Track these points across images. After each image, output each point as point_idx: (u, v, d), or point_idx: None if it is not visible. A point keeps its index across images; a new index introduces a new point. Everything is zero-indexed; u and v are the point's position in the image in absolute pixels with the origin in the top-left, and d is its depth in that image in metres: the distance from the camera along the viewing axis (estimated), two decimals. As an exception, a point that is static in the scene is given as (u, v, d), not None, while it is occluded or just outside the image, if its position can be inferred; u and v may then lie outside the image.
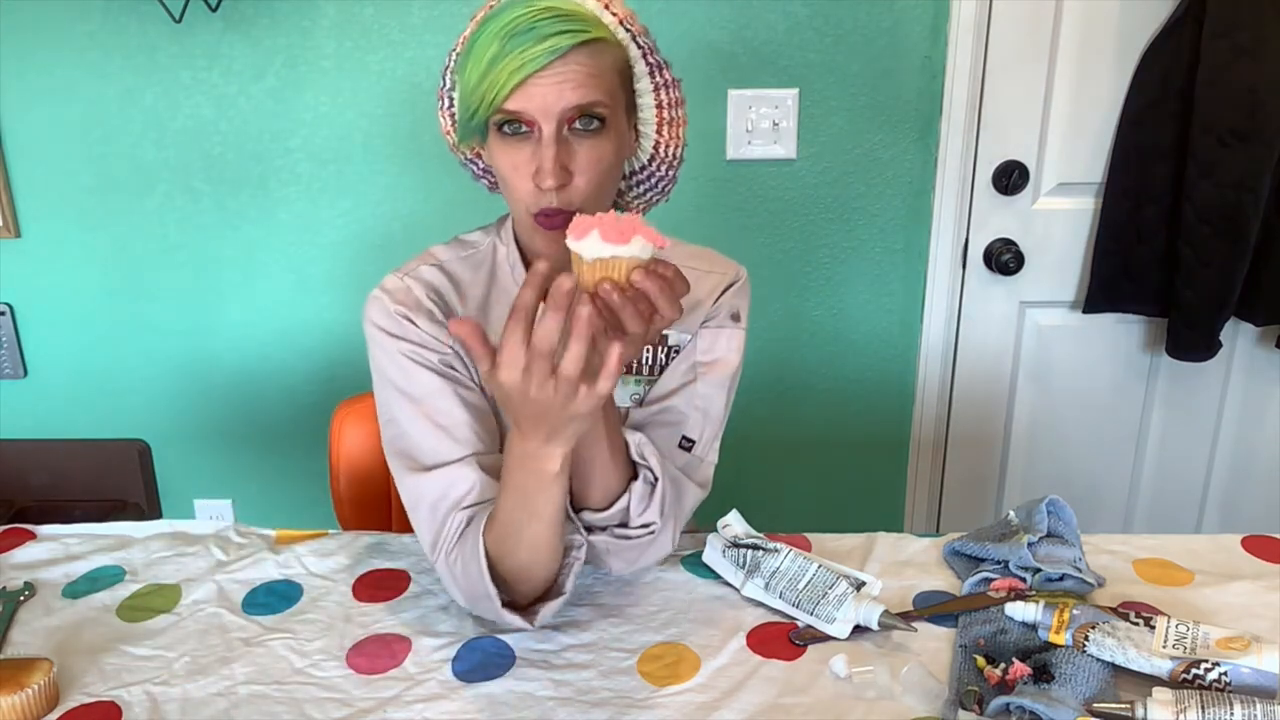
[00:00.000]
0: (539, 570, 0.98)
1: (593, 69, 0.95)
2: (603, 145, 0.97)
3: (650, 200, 1.14)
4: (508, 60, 0.92)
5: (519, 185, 0.98)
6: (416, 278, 1.09)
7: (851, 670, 0.96)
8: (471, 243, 1.14)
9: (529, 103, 0.93)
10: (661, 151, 1.07)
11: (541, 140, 0.95)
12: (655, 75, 1.01)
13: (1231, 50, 1.67)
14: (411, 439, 1.04)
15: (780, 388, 2.04)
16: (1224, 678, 0.89)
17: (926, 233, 1.93)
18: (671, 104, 1.03)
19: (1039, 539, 1.11)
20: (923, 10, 1.80)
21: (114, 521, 1.27)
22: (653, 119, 1.04)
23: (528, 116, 0.94)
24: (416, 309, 1.06)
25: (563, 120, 0.95)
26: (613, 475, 1.01)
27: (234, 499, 2.18)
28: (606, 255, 0.80)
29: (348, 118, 1.89)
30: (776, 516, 1.30)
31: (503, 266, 1.12)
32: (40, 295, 2.03)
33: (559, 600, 1.00)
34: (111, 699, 0.96)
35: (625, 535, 1.05)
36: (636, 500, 1.03)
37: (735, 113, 1.85)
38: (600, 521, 1.04)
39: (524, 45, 0.91)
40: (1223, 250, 1.76)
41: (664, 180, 1.10)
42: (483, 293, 1.11)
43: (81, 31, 1.84)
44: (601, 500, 1.03)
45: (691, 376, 1.11)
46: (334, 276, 1.99)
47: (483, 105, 0.95)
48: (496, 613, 0.98)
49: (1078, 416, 2.04)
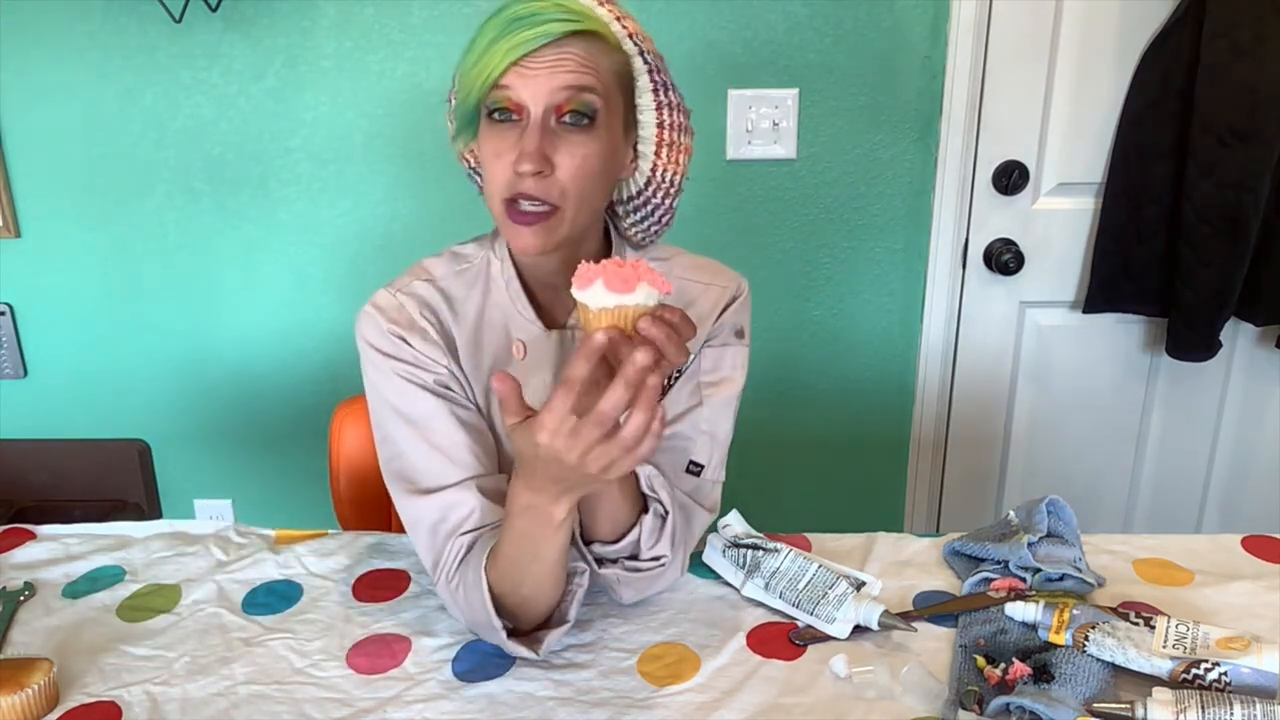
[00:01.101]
0: (542, 603, 0.98)
1: (588, 61, 0.94)
2: (590, 143, 0.95)
3: (650, 231, 1.10)
4: (504, 41, 0.92)
5: (498, 172, 0.95)
6: (410, 294, 1.06)
7: (851, 670, 0.96)
8: (465, 256, 1.11)
9: (520, 81, 0.92)
10: (658, 176, 1.03)
11: (528, 126, 0.93)
12: (660, 94, 0.99)
13: (1231, 50, 1.67)
14: (409, 460, 1.03)
15: (780, 388, 2.04)
16: (1224, 678, 0.89)
17: (926, 233, 1.93)
18: (675, 127, 1.01)
19: (1039, 539, 1.11)
20: (923, 10, 1.80)
21: (114, 521, 1.27)
22: (652, 138, 1.01)
23: (517, 99, 0.93)
24: (410, 328, 1.04)
25: (552, 108, 0.93)
26: (622, 509, 1.00)
27: (234, 499, 2.18)
28: (612, 305, 0.80)
29: (348, 118, 1.89)
30: (776, 516, 1.30)
31: (497, 281, 1.08)
32: (40, 295, 2.03)
33: (563, 628, 0.99)
34: (111, 699, 0.96)
35: (636, 568, 1.04)
36: (647, 533, 1.02)
37: (735, 113, 1.85)
38: (611, 554, 1.03)
39: (521, 29, 0.91)
40: (1223, 250, 1.76)
41: (661, 210, 1.06)
42: (477, 310, 1.08)
43: (81, 31, 1.84)
44: (611, 533, 1.02)
45: (697, 399, 1.09)
46: (334, 276, 1.99)
47: (476, 86, 0.94)
48: (501, 642, 0.97)
49: (1078, 416, 2.05)
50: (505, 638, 0.96)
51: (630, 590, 1.06)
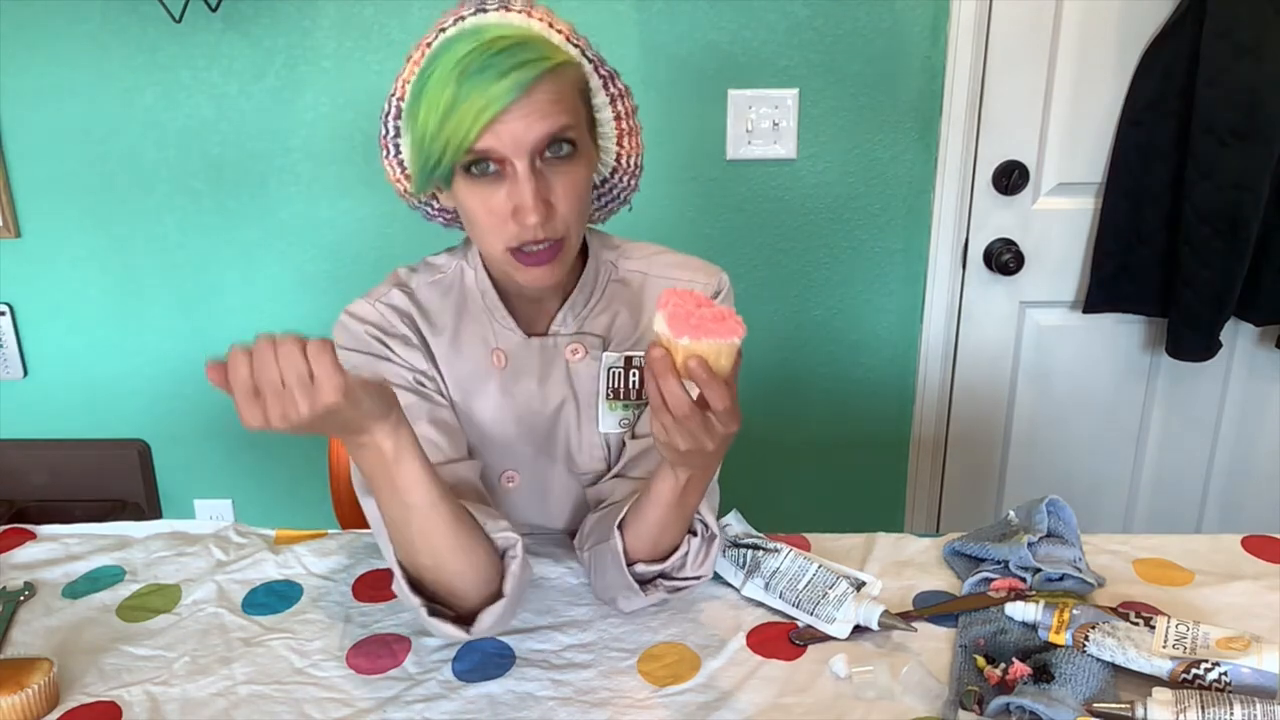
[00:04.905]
0: (454, 578, 0.95)
1: (556, 95, 0.92)
2: (576, 170, 0.96)
3: (609, 209, 1.12)
4: (469, 102, 0.89)
5: (494, 226, 0.95)
6: (387, 303, 1.09)
7: (851, 670, 0.96)
8: (439, 266, 1.12)
9: (498, 140, 0.91)
10: (624, 162, 1.05)
11: (517, 177, 0.92)
12: (609, 86, 1.00)
13: (1232, 50, 1.67)
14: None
15: (780, 388, 2.04)
16: (1224, 678, 0.89)
17: (926, 233, 1.93)
18: (628, 113, 1.02)
19: (1039, 539, 1.11)
20: (923, 10, 1.80)
21: (114, 521, 1.27)
22: (613, 131, 1.02)
23: (498, 155, 0.92)
24: (390, 335, 1.07)
25: (534, 153, 0.93)
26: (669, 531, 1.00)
27: (234, 499, 2.18)
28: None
29: (348, 118, 1.89)
30: (776, 516, 1.30)
31: (472, 291, 1.10)
32: (40, 295, 2.03)
33: (499, 604, 0.95)
34: (111, 699, 0.96)
35: (675, 587, 1.04)
36: (694, 555, 1.02)
37: (735, 113, 1.85)
38: (651, 574, 1.03)
39: (484, 84, 0.88)
40: (1223, 250, 1.76)
41: (626, 190, 1.09)
42: (452, 319, 1.10)
43: (81, 31, 1.84)
44: (652, 553, 1.01)
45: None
46: (334, 276, 1.99)
47: (448, 151, 0.91)
48: (424, 620, 0.95)
49: (1078, 416, 2.05)
50: (426, 615, 0.94)
51: (639, 601, 1.05)
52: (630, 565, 1.01)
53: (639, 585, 1.01)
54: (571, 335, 1.10)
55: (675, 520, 0.98)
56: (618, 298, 1.12)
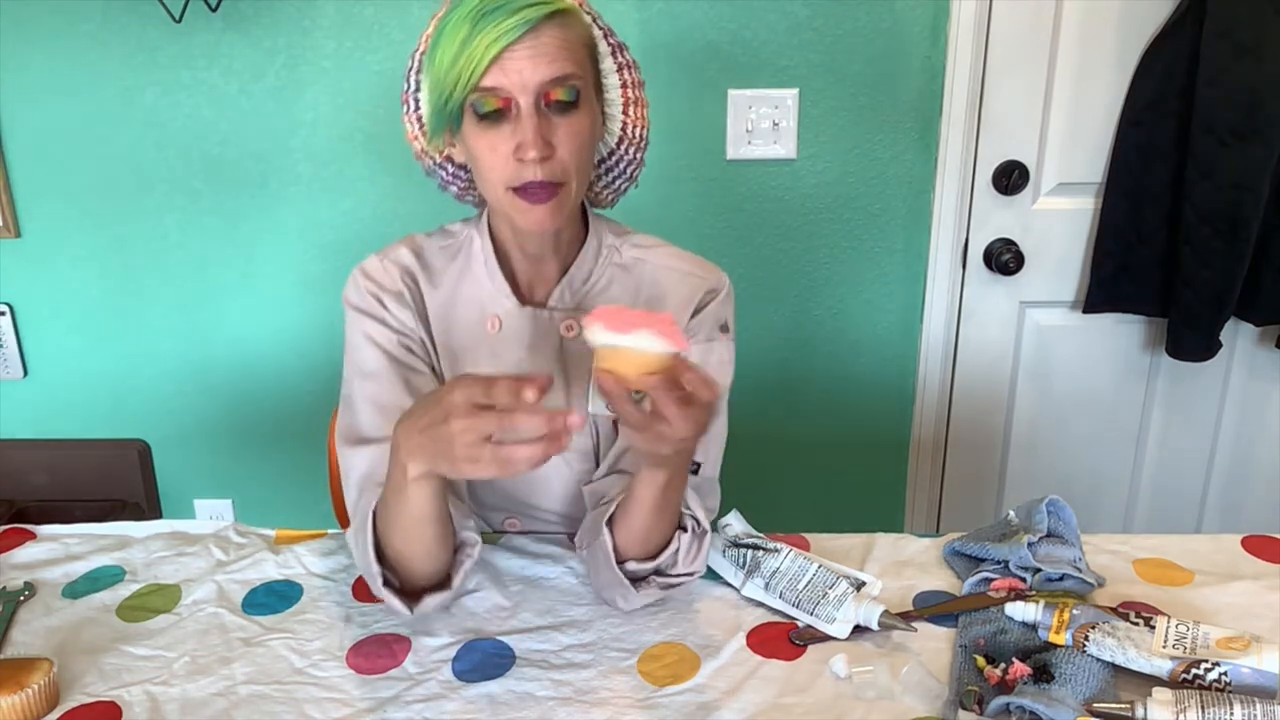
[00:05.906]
0: (415, 563, 0.99)
1: (564, 41, 0.96)
2: (580, 120, 0.99)
3: (619, 189, 1.14)
4: (482, 36, 0.93)
5: (497, 165, 0.98)
6: (395, 260, 1.12)
7: (851, 670, 0.96)
8: (453, 232, 1.16)
9: (505, 78, 0.94)
10: (629, 133, 1.07)
11: (520, 117, 0.96)
12: (618, 55, 1.03)
13: (1232, 50, 1.67)
14: (356, 412, 1.07)
15: (780, 388, 2.04)
16: (1224, 678, 0.89)
17: (926, 232, 1.93)
18: (635, 84, 1.05)
19: (1039, 539, 1.11)
20: (923, 10, 1.80)
21: (114, 521, 1.27)
22: (619, 99, 1.05)
23: (504, 93, 0.95)
24: (387, 290, 1.10)
25: (540, 95, 0.96)
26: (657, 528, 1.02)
27: (234, 499, 2.17)
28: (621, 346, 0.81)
29: (348, 118, 1.89)
30: (776, 516, 1.29)
31: (476, 258, 1.13)
32: (40, 295, 2.03)
33: (444, 594, 1.00)
34: (111, 699, 0.96)
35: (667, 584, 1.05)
36: (684, 551, 1.04)
37: (735, 113, 1.85)
38: (644, 571, 1.04)
39: (496, 20, 0.93)
40: (1223, 250, 1.76)
41: (632, 164, 1.11)
42: (454, 280, 1.13)
43: (81, 31, 1.84)
44: (643, 551, 1.03)
45: None
46: (334, 276, 1.99)
47: (458, 86, 0.95)
48: (378, 590, 0.99)
49: (1078, 416, 2.04)
50: (381, 585, 0.98)
51: (636, 599, 1.05)
52: (622, 564, 1.03)
53: (633, 583, 1.03)
54: (568, 310, 1.11)
55: (661, 518, 1.00)
56: (617, 281, 1.13)
